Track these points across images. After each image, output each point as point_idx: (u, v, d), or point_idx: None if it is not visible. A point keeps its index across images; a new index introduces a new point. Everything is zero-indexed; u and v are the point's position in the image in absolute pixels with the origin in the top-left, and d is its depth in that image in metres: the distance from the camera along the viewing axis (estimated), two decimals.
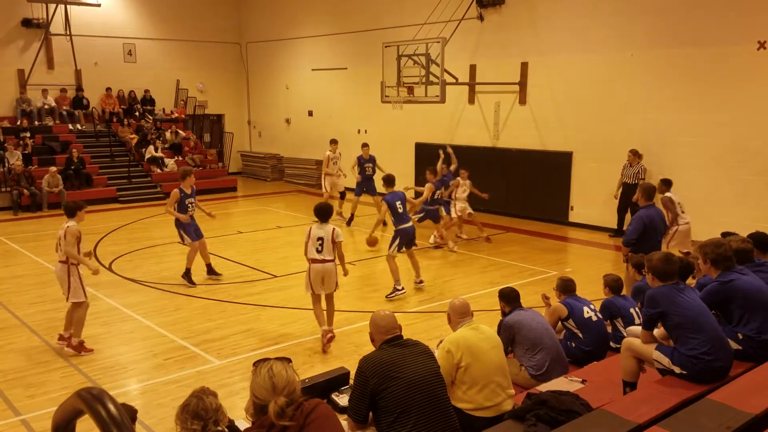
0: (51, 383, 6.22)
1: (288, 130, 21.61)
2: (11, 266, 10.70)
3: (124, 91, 20.03)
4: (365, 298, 8.98)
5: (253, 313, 8.36)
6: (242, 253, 11.61)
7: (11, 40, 17.96)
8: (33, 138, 17.36)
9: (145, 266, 10.64)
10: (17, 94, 18.19)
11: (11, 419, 5.45)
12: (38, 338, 7.38)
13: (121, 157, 18.55)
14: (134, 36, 20.05)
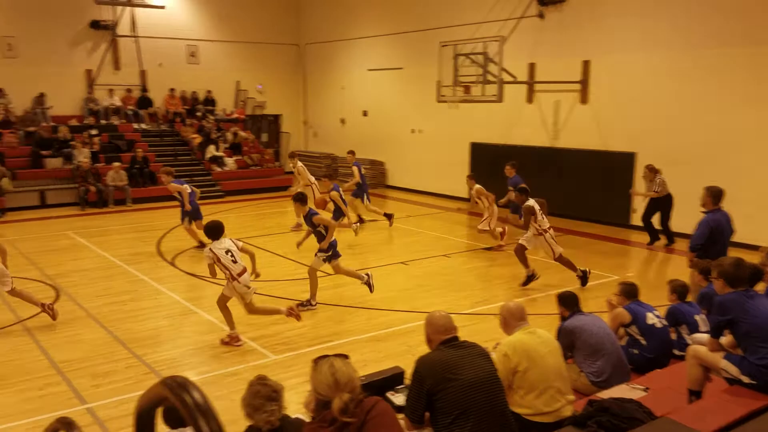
0: (115, 373, 6.43)
1: (342, 130, 21.79)
2: (78, 260, 11.15)
3: (187, 92, 20.60)
4: (418, 298, 8.94)
5: (307, 311, 8.43)
6: (298, 251, 11.72)
7: (80, 42, 18.73)
8: (100, 136, 18.05)
9: (203, 263, 10.88)
10: (85, 94, 18.96)
11: (78, 407, 5.67)
12: (103, 330, 7.65)
13: (183, 156, 19.09)
14: (197, 38, 20.60)
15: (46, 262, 10.83)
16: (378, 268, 10.55)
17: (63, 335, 7.46)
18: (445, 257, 11.37)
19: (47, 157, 16.67)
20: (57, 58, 18.20)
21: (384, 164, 20.36)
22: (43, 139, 16.93)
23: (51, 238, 12.94)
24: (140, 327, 7.79)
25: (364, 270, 9.13)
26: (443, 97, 13.76)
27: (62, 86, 18.33)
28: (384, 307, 8.52)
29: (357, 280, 8.70)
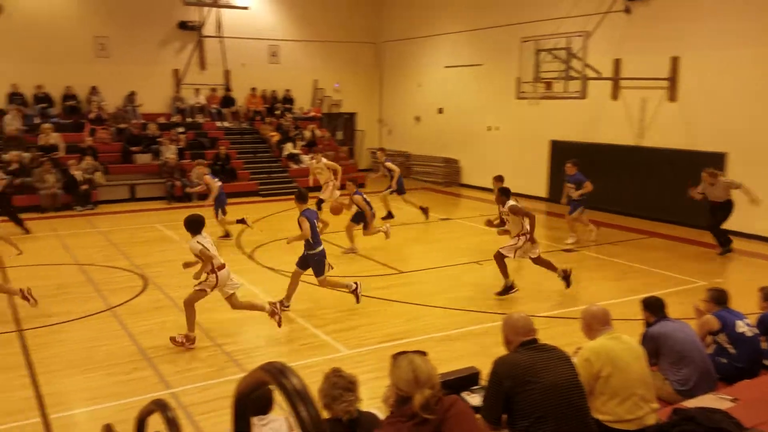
0: (197, 361, 6.68)
1: (417, 128, 21.77)
2: (164, 251, 11.64)
3: (267, 91, 21.15)
4: (493, 298, 8.80)
5: (378, 307, 8.49)
6: (368, 248, 11.83)
7: (168, 42, 19.57)
8: (186, 133, 18.80)
9: (282, 256, 11.14)
10: (173, 93, 19.79)
11: (162, 392, 5.91)
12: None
13: (262, 154, 19.61)
14: (279, 38, 21.09)
15: (135, 252, 11.38)
16: (451, 267, 10.48)
17: (150, 323, 7.81)
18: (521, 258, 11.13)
19: (137, 153, 17.51)
20: (147, 58, 19.09)
21: (458, 162, 20.20)
22: (134, 135, 17.79)
23: (140, 230, 13.59)
24: (221, 317, 8.03)
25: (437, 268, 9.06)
26: (523, 93, 13.49)
27: (151, 85, 19.22)
28: (457, 307, 8.44)
29: (344, 289, 8.37)
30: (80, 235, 12.93)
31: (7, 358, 6.68)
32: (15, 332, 7.42)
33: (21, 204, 15.08)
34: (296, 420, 1.37)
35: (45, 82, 17.67)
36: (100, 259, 10.83)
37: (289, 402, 1.38)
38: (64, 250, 11.58)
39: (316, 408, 1.38)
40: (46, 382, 6.09)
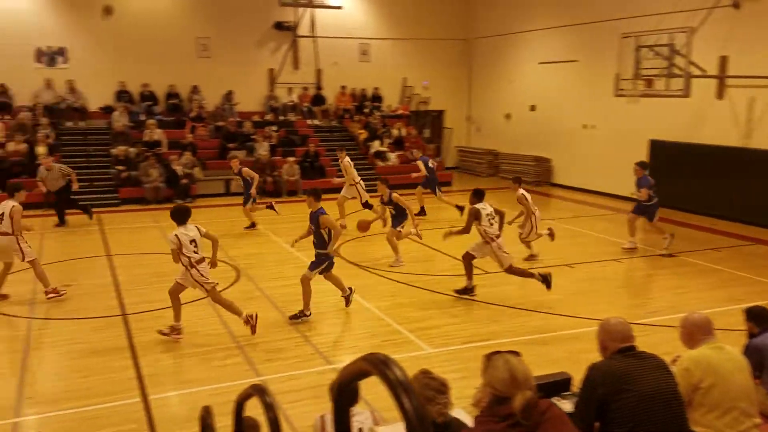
0: (285, 351, 6.87)
1: (507, 126, 21.38)
2: (256, 244, 12.06)
3: (357, 89, 21.44)
4: (584, 303, 8.51)
5: (464, 307, 8.40)
6: (456, 247, 11.72)
7: (265, 42, 20.23)
8: (278, 131, 19.38)
9: (367, 252, 11.28)
10: (267, 92, 20.44)
11: (253, 379, 6.11)
12: (276, 310, 8.19)
13: (350, 151, 19.86)
14: (369, 36, 21.33)
15: (229, 244, 11.83)
16: (539, 269, 10.21)
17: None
18: (616, 261, 10.72)
19: (232, 149, 18.21)
20: (244, 58, 19.82)
21: (550, 161, 19.67)
22: (230, 132, 18.52)
23: (233, 223, 14.12)
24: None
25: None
26: (622, 91, 12.98)
27: (248, 84, 19.94)
28: (546, 311, 8.22)
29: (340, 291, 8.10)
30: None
31: (113, 340, 7.12)
32: (120, 316, 7.90)
33: (127, 196, 16.09)
34: (399, 412, 1.37)
35: (150, 81, 18.70)
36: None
37: (393, 393, 1.38)
38: (165, 240, 12.21)
39: (419, 400, 1.37)
40: (147, 364, 6.45)
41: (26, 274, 9.08)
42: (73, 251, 11.15)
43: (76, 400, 5.67)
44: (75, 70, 17.95)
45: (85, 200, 15.39)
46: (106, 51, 18.23)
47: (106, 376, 6.17)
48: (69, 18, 17.82)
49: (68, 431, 5.18)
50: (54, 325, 7.61)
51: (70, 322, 7.64)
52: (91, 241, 11.98)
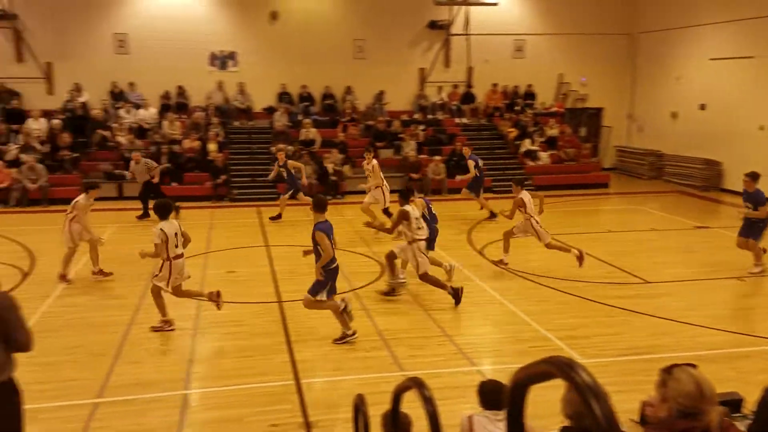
0: (429, 348, 6.89)
1: (673, 125, 19.84)
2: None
3: (509, 86, 21.02)
4: (756, 320, 7.65)
5: (621, 317, 7.91)
6: (611, 252, 11.09)
7: (417, 42, 20.47)
8: (426, 130, 19.53)
9: (513, 254, 10.97)
10: (417, 91, 20.67)
11: (396, 373, 6.20)
12: (420, 307, 8.24)
13: (498, 150, 19.57)
14: (524, 32, 20.81)
15: (375, 241, 12.12)
16: (705, 281, 9.36)
17: (386, 306, 8.25)
18: None
19: (381, 148, 18.65)
20: (397, 58, 20.20)
21: (721, 165, 17.97)
22: (379, 132, 18.97)
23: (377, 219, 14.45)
24: (450, 309, 8.18)
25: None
26: None
27: (398, 84, 20.29)
28: (711, 326, 7.51)
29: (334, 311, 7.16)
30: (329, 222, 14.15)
31: (270, 325, 7.57)
32: (275, 303, 8.38)
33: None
34: (588, 417, 1.29)
35: (309, 83, 19.67)
36: (344, 244, 11.72)
37: (582, 398, 1.31)
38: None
39: (610, 405, 1.28)
40: (299, 350, 6.77)
41: (196, 260, 9.97)
42: (236, 241, 12.01)
43: (237, 378, 6.10)
44: (243, 73, 19.35)
45: (247, 195, 16.58)
46: (271, 55, 19.45)
47: (265, 358, 6.57)
48: (240, 23, 19.24)
49: (229, 406, 5.57)
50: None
51: (233, 306, 8.23)
52: (251, 233, 12.82)
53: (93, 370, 6.23)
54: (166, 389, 5.86)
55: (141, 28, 18.38)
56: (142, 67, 18.45)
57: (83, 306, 8.13)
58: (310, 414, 5.43)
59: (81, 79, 18.06)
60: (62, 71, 18.19)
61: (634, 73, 21.63)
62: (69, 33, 18.06)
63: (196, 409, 5.54)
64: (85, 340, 6.99)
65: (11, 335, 3.53)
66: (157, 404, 5.57)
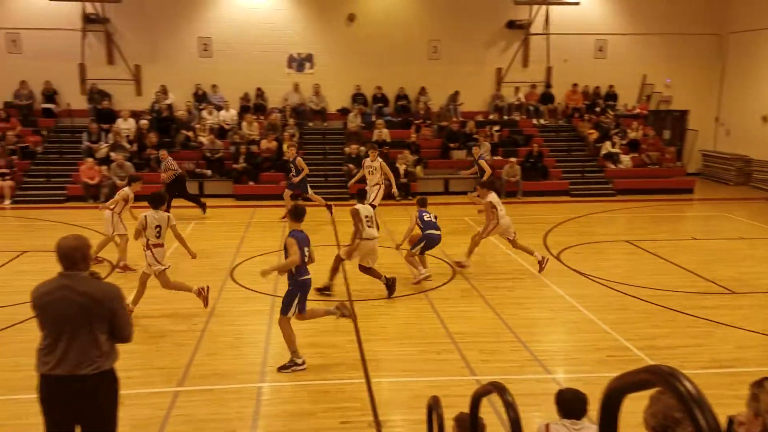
0: (501, 353, 6.77)
1: (763, 129, 18.74)
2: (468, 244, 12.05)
3: (589, 87, 20.43)
4: None
5: (704, 329, 7.54)
6: (695, 261, 10.59)
7: (495, 42, 20.21)
8: (501, 131, 19.24)
9: (591, 260, 10.68)
10: (493, 91, 20.41)
11: (467, 377, 6.14)
12: (492, 311, 8.13)
13: (577, 152, 19.05)
14: (607, 32, 20.19)
15: (445, 242, 11.96)
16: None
17: (457, 309, 8.18)
18: None
19: (454, 149, 18.53)
20: (472, 58, 20.01)
21: None
22: (453, 132, 18.85)
23: (449, 221, 14.34)
24: (525, 314, 8.03)
25: None
26: None
27: (474, 84, 20.11)
28: None
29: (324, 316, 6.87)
30: (400, 222, 14.17)
31: (341, 323, 7.62)
32: (347, 302, 8.46)
33: (355, 191, 17.10)
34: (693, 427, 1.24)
35: (383, 84, 19.78)
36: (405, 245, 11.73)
37: (686, 408, 1.26)
38: (387, 234, 12.84)
39: (715, 416, 1.23)
40: (369, 349, 6.81)
41: (270, 257, 10.24)
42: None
43: (310, 374, 6.20)
44: (319, 75, 19.69)
45: (320, 194, 16.82)
46: (347, 56, 19.70)
47: (336, 355, 6.65)
48: (317, 27, 19.59)
49: (301, 401, 5.68)
50: None
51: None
52: (323, 231, 13.01)
53: (175, 359, 6.50)
54: (242, 381, 6.03)
55: (224, 32, 19.04)
56: (224, 69, 19.12)
57: (167, 298, 8.48)
58: (380, 413, 5.45)
59: (167, 81, 18.89)
60: (150, 73, 19.09)
61: (722, 74, 20.57)
62: (157, 37, 18.94)
63: (270, 402, 5.67)
64: (168, 330, 7.29)
65: (117, 326, 3.70)
66: (233, 395, 5.74)
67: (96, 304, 3.59)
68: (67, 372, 3.54)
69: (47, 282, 3.68)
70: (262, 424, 5.27)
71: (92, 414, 3.64)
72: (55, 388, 3.57)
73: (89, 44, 18.74)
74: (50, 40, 18.44)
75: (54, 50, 18.52)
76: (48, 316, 3.60)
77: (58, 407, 3.59)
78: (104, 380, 3.66)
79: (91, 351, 3.59)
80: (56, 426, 3.64)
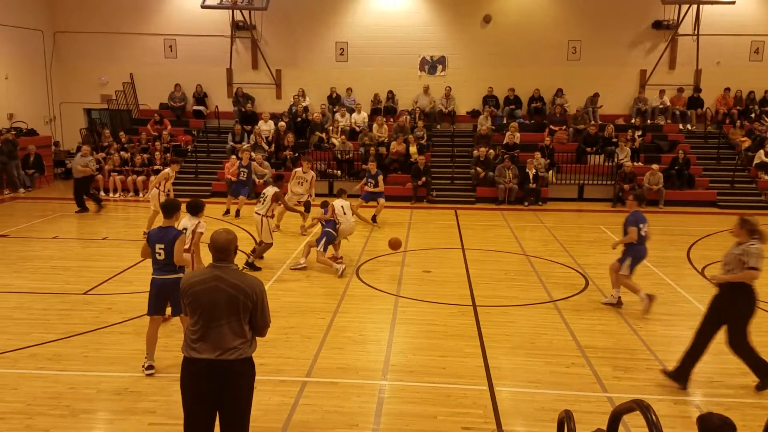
0: (635, 371, 6.34)
1: None
2: (605, 253, 11.40)
3: (743, 92, 18.76)
4: None
5: None
6: None
7: (639, 42, 19.13)
8: (644, 136, 18.14)
9: None
10: (636, 94, 19.31)
11: (598, 393, 5.80)
12: (627, 325, 7.65)
13: (726, 160, 17.55)
14: (765, 33, 18.49)
15: (578, 251, 11.53)
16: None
17: (589, 322, 7.78)
18: None
19: (590, 153, 17.73)
20: (614, 59, 19.10)
21: None
22: (590, 136, 18.05)
23: (584, 229, 13.75)
24: (664, 332, 7.50)
25: None
26: None
27: (615, 86, 19.17)
28: None
29: None
30: (528, 228, 13.80)
31: (465, 327, 7.55)
32: (470, 306, 8.34)
33: (482, 195, 16.93)
34: None
35: (517, 85, 19.39)
36: (544, 253, 11.34)
37: None
38: (514, 240, 12.53)
39: None
40: (493, 356, 6.65)
41: (395, 257, 10.35)
42: (433, 242, 12.22)
43: (432, 376, 6.16)
44: (450, 77, 19.68)
45: (446, 197, 16.77)
46: (480, 58, 19.53)
47: (458, 360, 6.56)
48: (452, 29, 19.58)
49: (423, 402, 5.65)
50: (416, 306, 8.42)
51: (429, 305, 8.36)
52: (448, 234, 12.94)
53: (303, 350, 6.73)
54: (365, 377, 6.11)
55: (360, 36, 19.59)
56: (358, 73, 19.67)
57: (298, 291, 8.83)
58: (503, 422, 5.29)
59: (305, 84, 19.75)
60: (289, 78, 20.07)
61: None
62: (297, 42, 19.86)
63: (392, 400, 5.70)
64: (297, 323, 7.57)
65: (258, 318, 3.95)
66: (357, 390, 5.83)
67: (244, 295, 3.83)
68: (213, 356, 3.79)
69: (199, 272, 3.98)
70: (384, 421, 5.30)
71: (232, 398, 3.86)
72: (200, 371, 3.81)
73: (236, 50, 20.04)
74: (202, 45, 19.94)
75: (205, 55, 20.01)
76: (199, 303, 3.85)
77: (201, 390, 3.82)
78: (245, 366, 3.89)
79: (236, 338, 3.83)
80: (196, 407, 3.87)
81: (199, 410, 3.86)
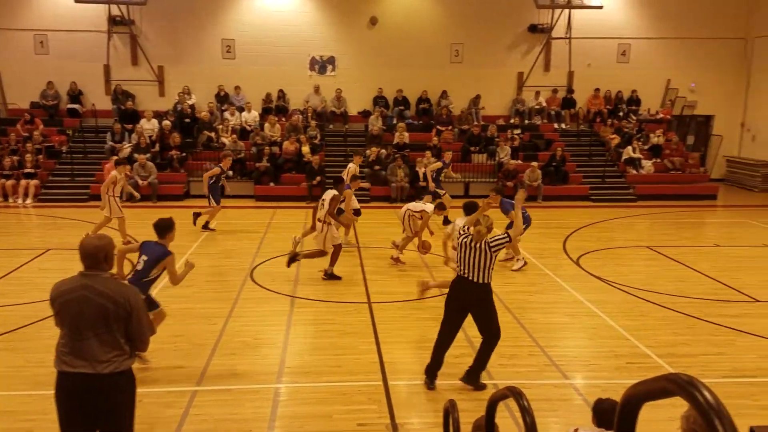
0: (519, 358, 6.74)
1: None
2: None
3: (612, 92, 20.26)
4: None
5: (726, 337, 7.43)
6: (717, 268, 10.45)
7: (516, 45, 20.13)
8: (522, 135, 19.15)
9: (610, 266, 10.59)
10: (514, 95, 20.32)
11: (485, 381, 6.10)
12: (510, 315, 8.09)
13: (597, 157, 18.89)
14: (630, 36, 20.04)
15: None
16: None
17: None
18: None
19: (474, 153, 18.47)
20: (494, 62, 19.97)
21: None
22: (473, 136, 18.80)
23: None
24: (543, 319, 7.99)
25: None
26: None
27: (495, 88, 20.05)
28: None
29: None
30: None
31: (359, 325, 7.67)
32: (365, 304, 8.48)
33: (376, 194, 17.19)
34: None
35: (404, 87, 19.80)
36: (436, 248, 11.71)
37: (705, 418, 1.25)
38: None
39: (734, 426, 1.21)
40: (387, 351, 6.82)
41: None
42: None
43: (327, 375, 6.23)
44: (341, 77, 19.77)
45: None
46: (369, 59, 19.76)
47: (354, 357, 6.67)
48: (339, 29, 19.67)
49: (318, 402, 5.70)
50: (312, 306, 8.44)
51: (325, 305, 8.41)
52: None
53: (194, 358, 6.56)
54: (260, 381, 6.07)
55: (247, 34, 19.21)
56: (247, 71, 19.29)
57: (186, 297, 8.57)
58: (397, 416, 5.45)
59: (190, 82, 19.11)
60: (173, 75, 19.33)
61: (748, 79, 20.32)
62: (181, 38, 19.17)
63: (287, 402, 5.70)
64: (186, 330, 7.36)
65: (133, 329, 3.68)
66: (251, 395, 5.78)
67: (114, 304, 3.59)
68: (84, 370, 3.55)
69: (67, 280, 3.69)
70: (279, 424, 5.30)
71: (109, 413, 3.65)
72: (73, 386, 3.58)
73: (114, 46, 19.03)
74: (76, 41, 18.76)
75: (80, 51, 18.85)
76: (67, 314, 3.61)
77: (75, 405, 3.60)
78: (122, 380, 3.66)
79: (109, 351, 3.60)
80: (71, 425, 3.64)
81: (77, 429, 3.64)
